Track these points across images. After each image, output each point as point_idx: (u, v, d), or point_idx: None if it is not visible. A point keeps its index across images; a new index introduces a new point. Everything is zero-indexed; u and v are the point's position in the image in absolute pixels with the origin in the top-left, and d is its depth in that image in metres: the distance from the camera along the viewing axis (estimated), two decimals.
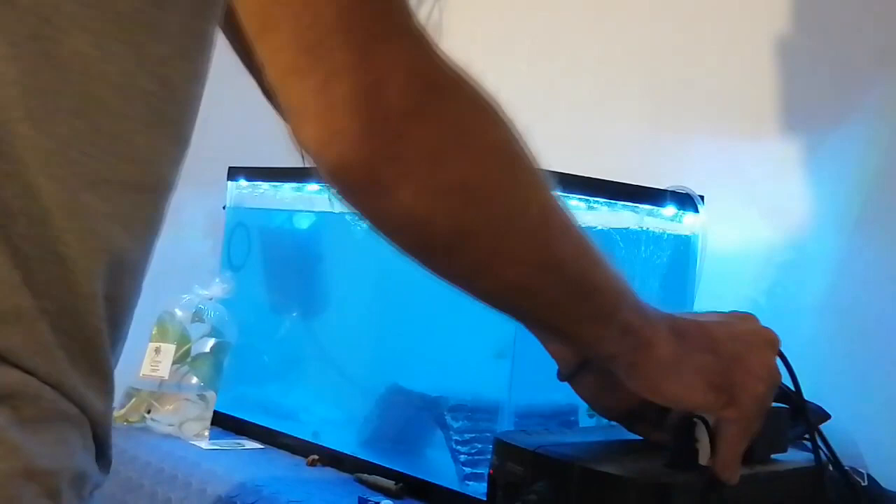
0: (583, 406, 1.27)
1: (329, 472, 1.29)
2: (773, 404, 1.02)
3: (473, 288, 0.65)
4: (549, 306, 0.67)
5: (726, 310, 0.87)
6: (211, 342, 1.50)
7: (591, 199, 1.27)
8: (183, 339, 1.49)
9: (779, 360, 0.91)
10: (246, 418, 1.47)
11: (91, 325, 0.60)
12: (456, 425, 1.21)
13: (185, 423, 1.42)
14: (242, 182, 1.62)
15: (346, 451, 1.31)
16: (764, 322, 0.89)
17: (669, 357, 0.73)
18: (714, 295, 1.43)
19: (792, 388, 0.97)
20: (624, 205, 1.30)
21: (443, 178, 0.58)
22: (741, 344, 0.79)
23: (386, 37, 0.55)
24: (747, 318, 0.85)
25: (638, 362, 0.73)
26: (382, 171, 0.56)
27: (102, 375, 0.62)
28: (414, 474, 1.21)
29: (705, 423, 0.93)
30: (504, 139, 0.63)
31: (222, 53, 2.05)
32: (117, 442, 1.38)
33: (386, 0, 0.57)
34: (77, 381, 0.59)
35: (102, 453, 0.65)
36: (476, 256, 0.62)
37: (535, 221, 0.64)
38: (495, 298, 0.67)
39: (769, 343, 0.83)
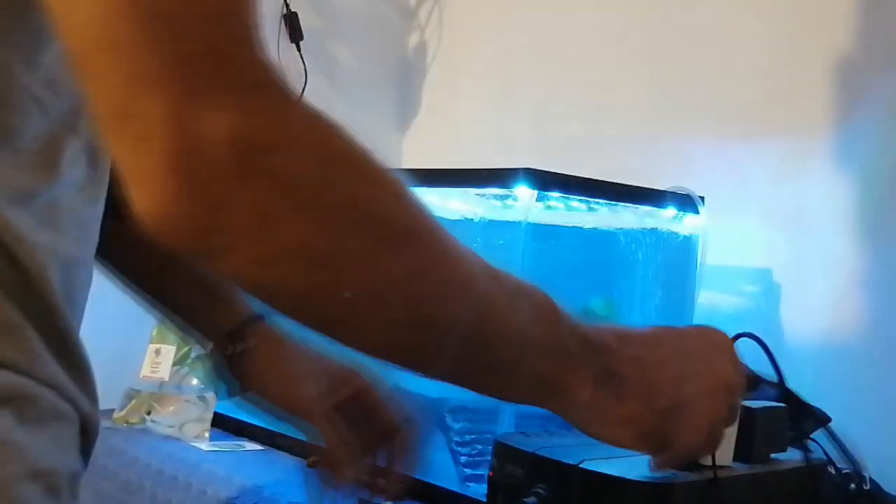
0: None
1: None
2: (774, 404, 1.02)
3: (344, 344, 0.60)
4: (432, 363, 0.61)
5: (727, 311, 0.86)
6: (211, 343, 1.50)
7: (591, 199, 1.27)
8: (183, 341, 1.49)
9: (763, 351, 0.91)
10: (246, 420, 1.47)
11: (63, 325, 0.61)
12: (456, 426, 1.21)
13: (185, 424, 1.42)
14: None
15: None
16: (764, 322, 0.88)
17: (589, 404, 0.68)
18: (714, 295, 1.43)
19: (785, 386, 0.97)
20: (624, 206, 1.30)
21: (271, 246, 0.52)
22: (688, 389, 0.72)
23: (205, 92, 0.49)
24: (713, 347, 0.76)
25: (557, 410, 0.68)
26: (205, 241, 0.51)
27: (83, 370, 0.62)
28: (414, 475, 1.21)
29: None
30: (358, 196, 0.54)
31: None
32: (117, 443, 1.39)
33: (211, 51, 0.49)
34: (66, 380, 0.60)
35: (86, 450, 0.65)
36: (329, 318, 0.57)
37: (401, 282, 0.57)
38: (370, 354, 0.62)
39: (725, 388, 0.75)
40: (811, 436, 1.07)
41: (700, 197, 1.36)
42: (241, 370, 0.84)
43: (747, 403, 0.98)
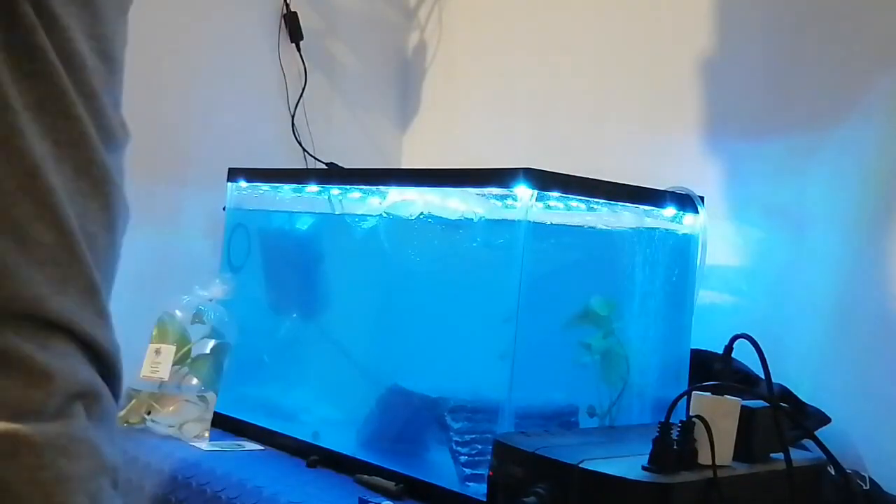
0: (583, 406, 1.27)
1: (329, 473, 1.28)
2: (776, 405, 1.02)
3: None
4: None
5: (726, 311, 0.86)
6: (211, 343, 1.50)
7: (591, 199, 1.27)
8: (183, 341, 1.49)
9: (753, 348, 0.91)
10: (246, 419, 1.47)
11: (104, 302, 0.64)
12: (456, 426, 1.21)
13: (185, 424, 1.42)
14: (242, 183, 1.62)
15: (346, 452, 1.31)
16: (764, 323, 0.89)
17: None
18: (714, 295, 1.43)
19: (775, 383, 0.97)
20: (624, 205, 1.30)
21: None
22: None
23: None
24: None
25: None
26: None
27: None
28: (414, 475, 1.21)
29: (705, 423, 0.93)
30: None
31: (220, 55, 2.04)
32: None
33: None
34: (114, 348, 0.63)
35: None
36: None
37: None
38: None
39: None
40: (811, 435, 1.07)
41: (700, 197, 1.36)
42: None
43: (747, 403, 0.98)
